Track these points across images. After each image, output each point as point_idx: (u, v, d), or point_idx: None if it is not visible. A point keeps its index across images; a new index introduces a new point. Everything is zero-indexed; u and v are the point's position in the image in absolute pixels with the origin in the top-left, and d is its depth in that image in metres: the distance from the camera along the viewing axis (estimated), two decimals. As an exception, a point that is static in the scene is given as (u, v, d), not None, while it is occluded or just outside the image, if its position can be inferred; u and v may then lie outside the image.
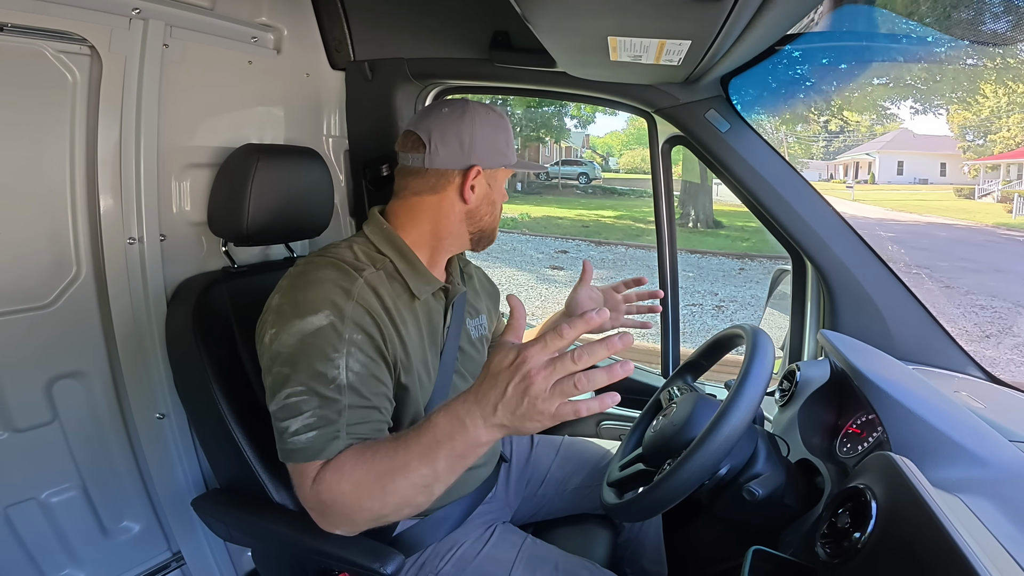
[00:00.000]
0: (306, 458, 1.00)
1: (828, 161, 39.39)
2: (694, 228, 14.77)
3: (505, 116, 1.26)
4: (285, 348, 1.03)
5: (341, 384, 1.02)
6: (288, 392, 1.01)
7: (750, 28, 1.07)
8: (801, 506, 1.09)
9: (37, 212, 1.30)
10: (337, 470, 0.98)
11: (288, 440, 1.01)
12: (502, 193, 1.30)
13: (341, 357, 1.02)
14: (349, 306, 1.05)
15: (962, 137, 33.77)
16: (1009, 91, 29.75)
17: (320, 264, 1.12)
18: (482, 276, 1.52)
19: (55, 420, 1.40)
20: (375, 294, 1.11)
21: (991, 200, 22.03)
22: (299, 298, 1.06)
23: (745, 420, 0.95)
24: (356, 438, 1.02)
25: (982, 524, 0.80)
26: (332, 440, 1.00)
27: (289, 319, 1.04)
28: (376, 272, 1.15)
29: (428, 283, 1.21)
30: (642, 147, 49.94)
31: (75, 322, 1.38)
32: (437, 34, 1.72)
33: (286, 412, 1.02)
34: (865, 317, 1.51)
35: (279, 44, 1.68)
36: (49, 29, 1.20)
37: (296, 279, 1.10)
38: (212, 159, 1.50)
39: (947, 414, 1.07)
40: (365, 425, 1.04)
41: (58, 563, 1.46)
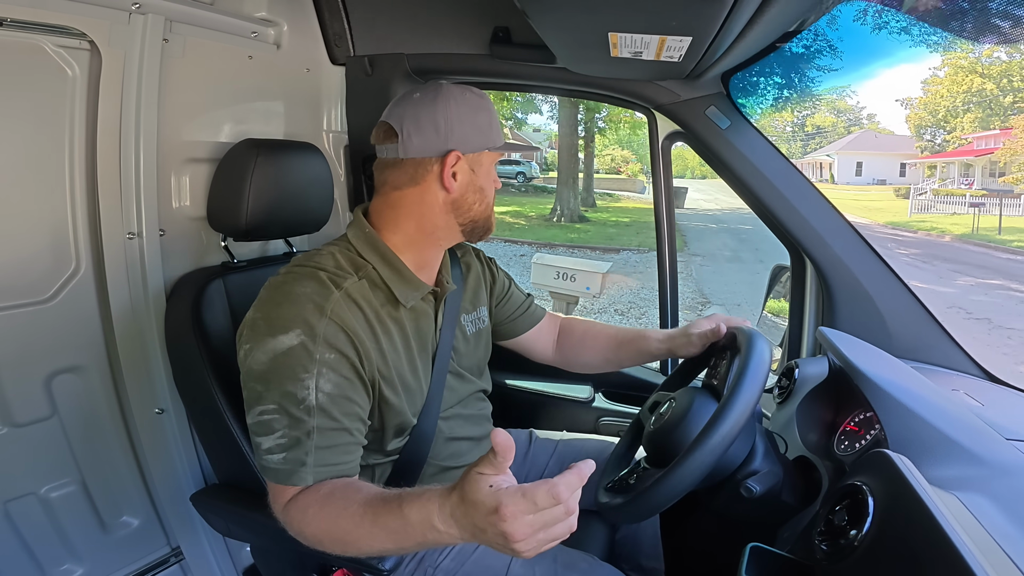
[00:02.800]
0: (276, 480, 1.02)
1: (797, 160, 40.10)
2: (558, 222, 15.91)
3: (486, 97, 1.18)
4: (257, 366, 1.02)
5: (310, 405, 1.00)
6: (260, 409, 1.01)
7: (751, 25, 1.07)
8: (798, 503, 1.10)
9: (36, 207, 1.30)
10: (301, 513, 0.99)
11: (263, 457, 1.02)
12: (491, 178, 1.21)
13: (311, 378, 1.00)
14: (322, 324, 1.02)
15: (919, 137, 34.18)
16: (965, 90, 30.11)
17: (299, 275, 1.08)
18: (482, 262, 1.48)
19: (54, 415, 1.40)
20: (356, 306, 1.08)
21: (925, 199, 22.40)
22: (273, 315, 1.03)
23: (739, 424, 0.95)
24: (323, 465, 1.01)
25: (978, 522, 0.80)
26: (300, 467, 1.00)
27: (262, 336, 1.02)
28: (358, 282, 1.11)
29: (415, 288, 1.17)
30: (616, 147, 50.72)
31: (74, 317, 1.39)
32: (437, 29, 1.72)
33: (260, 428, 1.02)
34: (863, 314, 1.52)
35: (279, 39, 1.68)
36: (48, 24, 1.20)
37: (273, 292, 1.07)
38: (212, 154, 1.50)
39: (945, 412, 1.07)
40: (333, 449, 1.03)
41: (57, 558, 1.46)
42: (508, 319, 1.50)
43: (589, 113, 18.00)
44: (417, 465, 1.23)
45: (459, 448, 1.32)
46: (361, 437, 1.09)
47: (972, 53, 29.05)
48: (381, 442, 1.18)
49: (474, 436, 1.36)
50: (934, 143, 31.91)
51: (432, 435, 1.24)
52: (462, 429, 1.32)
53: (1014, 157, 23.59)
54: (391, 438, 1.18)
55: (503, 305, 1.49)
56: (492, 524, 0.75)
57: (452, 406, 1.30)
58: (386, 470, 1.22)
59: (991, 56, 29.14)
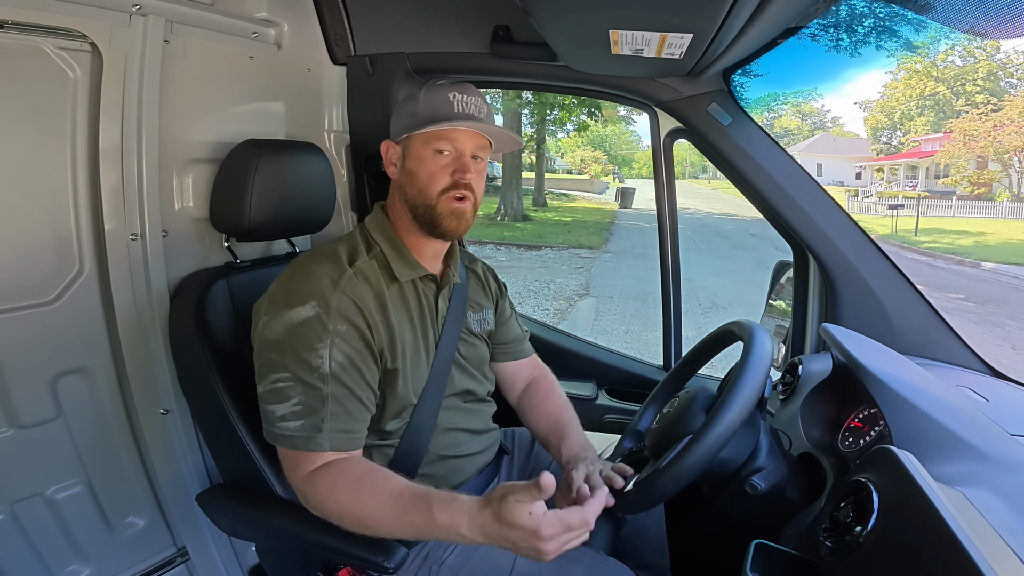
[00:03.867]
0: (293, 446, 1.07)
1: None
2: (501, 221, 16.49)
3: (425, 88, 1.24)
4: (274, 335, 1.09)
5: (324, 373, 1.07)
6: (275, 377, 1.08)
7: (752, 21, 1.07)
8: (803, 500, 1.10)
9: (40, 209, 1.30)
10: (328, 488, 1.05)
11: (276, 424, 1.08)
12: (421, 162, 1.21)
13: (325, 347, 1.07)
14: (335, 297, 1.10)
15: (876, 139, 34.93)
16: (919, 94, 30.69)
17: (317, 255, 1.19)
18: (492, 279, 1.52)
19: (59, 416, 1.40)
20: (366, 283, 1.16)
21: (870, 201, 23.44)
22: (290, 288, 1.13)
23: (739, 418, 0.95)
24: (338, 431, 1.08)
25: (983, 518, 0.80)
26: (316, 432, 1.06)
27: (280, 308, 1.10)
28: (369, 261, 1.20)
29: (412, 268, 1.24)
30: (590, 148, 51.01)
31: (78, 319, 1.39)
32: (438, 28, 1.72)
33: (273, 396, 1.08)
34: (868, 311, 1.51)
35: (280, 39, 1.68)
36: (49, 26, 1.20)
37: (294, 269, 1.17)
38: (214, 155, 1.50)
39: (949, 408, 1.07)
40: (347, 416, 1.09)
41: (64, 559, 1.47)
42: (497, 344, 1.51)
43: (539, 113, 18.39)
44: (418, 453, 1.26)
45: (457, 438, 1.33)
46: (372, 405, 1.16)
47: (927, 57, 30.50)
48: (380, 420, 1.21)
49: (474, 429, 1.37)
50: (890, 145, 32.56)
51: (432, 422, 1.27)
52: (462, 420, 1.34)
53: (953, 160, 24.81)
54: (390, 417, 1.22)
55: (499, 330, 1.51)
56: (528, 541, 0.88)
57: (453, 394, 1.32)
58: (387, 456, 1.24)
59: (945, 60, 30.35)
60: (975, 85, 28.49)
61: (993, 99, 26.62)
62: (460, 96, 1.22)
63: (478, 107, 1.23)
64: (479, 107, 1.23)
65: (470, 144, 1.21)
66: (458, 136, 1.20)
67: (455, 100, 1.21)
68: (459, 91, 1.22)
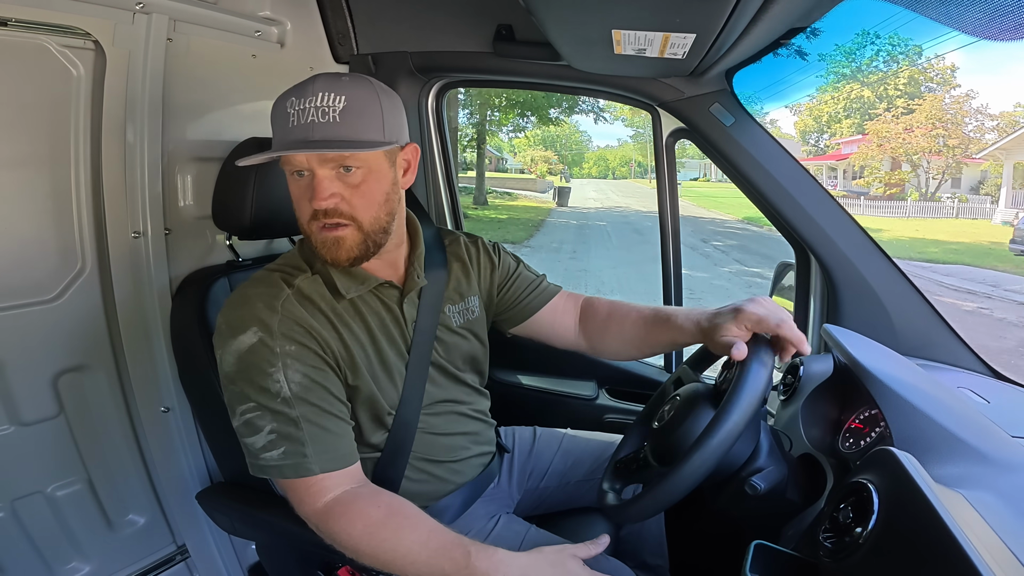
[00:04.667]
0: (283, 475, 1.03)
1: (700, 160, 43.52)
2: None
3: (281, 95, 1.05)
4: (228, 368, 1.04)
5: (287, 396, 1.02)
6: (242, 409, 1.03)
7: (755, 21, 1.06)
8: (803, 501, 1.09)
9: (42, 207, 1.30)
10: (349, 523, 1.00)
11: (260, 457, 1.02)
12: (289, 189, 1.09)
13: (279, 371, 1.02)
14: (275, 320, 1.04)
15: (805, 142, 35.95)
16: (845, 96, 31.56)
17: (255, 280, 1.12)
18: (478, 249, 1.42)
19: (60, 414, 1.41)
20: (308, 301, 1.09)
21: None
22: (230, 317, 1.07)
23: (739, 427, 0.95)
24: (323, 453, 1.03)
25: (983, 519, 0.79)
26: (302, 458, 1.01)
27: (226, 339, 1.05)
28: (311, 277, 1.13)
29: (359, 282, 1.15)
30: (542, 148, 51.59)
31: (80, 316, 1.39)
32: (441, 27, 1.72)
33: (247, 429, 1.03)
34: (869, 312, 1.51)
35: (283, 38, 1.68)
36: (53, 24, 1.21)
37: (232, 297, 1.11)
38: (216, 153, 1.50)
39: (950, 410, 1.07)
40: (327, 434, 1.05)
41: (64, 556, 1.47)
42: (517, 301, 1.42)
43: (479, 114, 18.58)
44: (402, 458, 1.23)
45: (454, 442, 1.31)
46: (348, 419, 1.11)
47: (853, 62, 31.53)
48: (361, 434, 1.18)
49: (468, 431, 1.35)
50: (817, 147, 33.28)
51: (414, 428, 1.23)
52: (455, 424, 1.32)
53: (867, 161, 26.28)
54: (371, 431, 1.19)
55: (509, 288, 1.42)
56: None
57: (441, 400, 1.28)
58: (371, 464, 1.21)
59: (870, 65, 31.36)
60: (896, 89, 29.56)
61: (908, 103, 27.97)
62: (297, 103, 1.01)
63: (323, 108, 1.00)
64: (326, 107, 1.00)
65: (317, 160, 1.02)
66: (297, 158, 1.02)
67: (291, 110, 1.01)
68: (297, 94, 1.02)
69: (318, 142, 0.99)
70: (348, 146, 1.01)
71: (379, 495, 1.05)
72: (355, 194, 1.05)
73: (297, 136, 1.00)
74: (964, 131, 26.31)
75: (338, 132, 1.00)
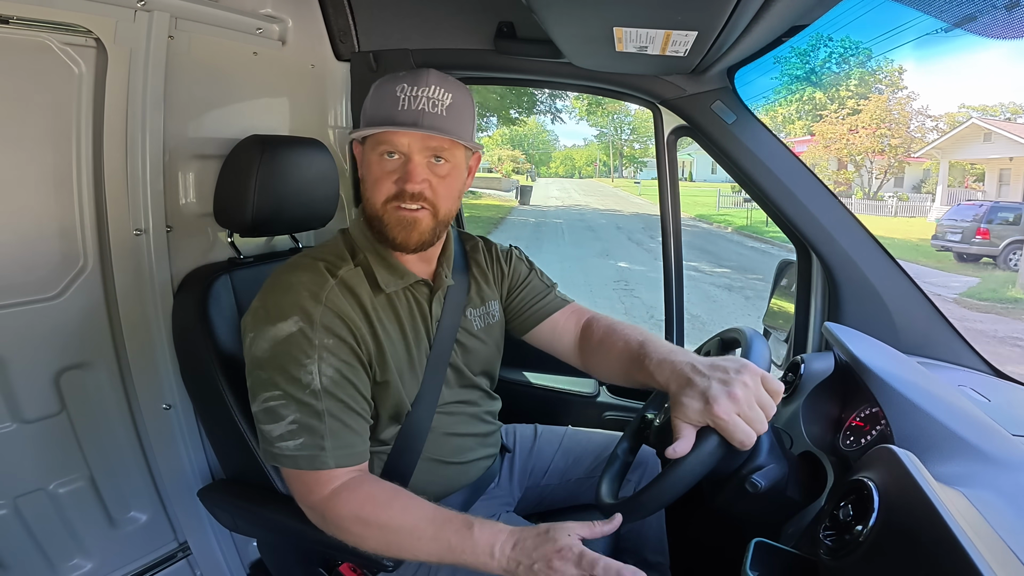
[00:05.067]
0: (296, 466, 1.03)
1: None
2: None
3: (389, 78, 1.11)
4: (260, 353, 1.05)
5: (316, 389, 1.03)
6: (266, 396, 1.03)
7: (757, 19, 1.06)
8: (803, 498, 1.09)
9: (44, 204, 1.30)
10: (355, 512, 1.01)
11: (275, 445, 1.03)
12: (368, 167, 1.13)
13: (313, 363, 1.03)
14: (318, 311, 1.05)
15: None
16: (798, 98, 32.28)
17: (297, 266, 1.12)
18: (493, 255, 1.43)
19: (62, 411, 1.41)
20: (351, 293, 1.11)
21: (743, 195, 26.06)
22: (271, 303, 1.07)
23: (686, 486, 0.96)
24: (341, 448, 1.04)
25: (983, 518, 0.79)
26: (319, 451, 1.02)
27: (263, 324, 1.05)
28: (354, 269, 1.14)
29: (399, 276, 1.17)
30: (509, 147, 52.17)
31: (82, 313, 1.39)
32: (442, 25, 1.72)
33: (267, 416, 1.04)
34: (870, 310, 1.51)
35: (284, 35, 1.68)
36: (54, 22, 1.21)
37: (274, 281, 1.11)
38: (218, 150, 1.50)
39: (951, 408, 1.07)
40: (347, 430, 1.06)
41: (66, 553, 1.47)
42: (522, 311, 1.42)
43: None
44: (412, 455, 1.23)
45: (463, 444, 1.32)
46: (368, 417, 1.12)
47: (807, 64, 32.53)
48: (375, 429, 1.18)
49: (479, 432, 1.36)
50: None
51: (427, 426, 1.24)
52: (465, 425, 1.32)
53: (815, 161, 27.25)
54: (386, 425, 1.20)
55: (518, 295, 1.42)
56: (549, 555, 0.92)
57: (453, 401, 1.29)
58: (380, 461, 1.22)
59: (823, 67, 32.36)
60: (847, 91, 30.34)
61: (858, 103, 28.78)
62: (410, 89, 1.07)
63: (434, 100, 1.08)
64: (436, 99, 1.08)
65: (418, 146, 1.08)
66: (400, 139, 1.07)
67: (402, 95, 1.07)
68: (410, 82, 1.08)
69: (430, 128, 1.06)
70: (457, 138, 1.09)
71: (380, 483, 1.07)
72: (440, 183, 1.12)
73: (406, 119, 1.06)
74: (907, 131, 27.18)
75: (443, 125, 1.08)
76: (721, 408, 0.92)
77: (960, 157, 22.08)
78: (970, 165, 23.18)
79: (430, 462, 1.26)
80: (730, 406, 0.92)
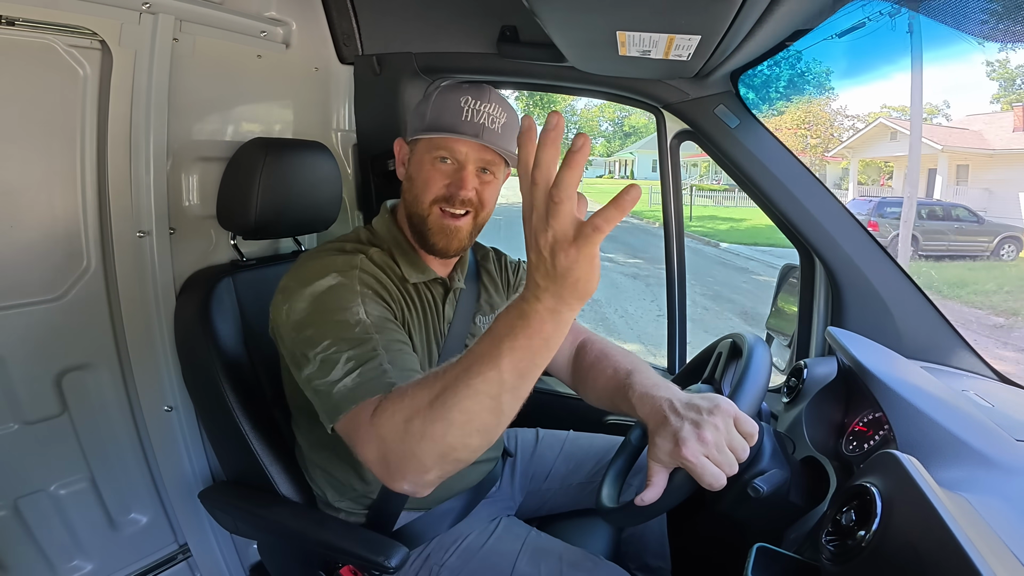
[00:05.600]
0: (357, 398, 0.90)
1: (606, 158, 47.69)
2: None
3: (451, 88, 1.17)
4: (301, 314, 1.01)
5: (367, 324, 0.99)
6: (317, 351, 0.96)
7: (761, 23, 1.06)
8: (806, 503, 1.09)
9: (48, 205, 1.31)
10: (397, 397, 0.85)
11: (335, 392, 0.92)
12: (420, 167, 1.17)
13: (358, 304, 1.02)
14: (354, 272, 1.08)
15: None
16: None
17: (324, 249, 1.16)
18: (503, 266, 1.46)
19: (64, 412, 1.41)
20: (379, 269, 1.14)
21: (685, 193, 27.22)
22: (303, 271, 1.07)
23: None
24: (403, 370, 0.94)
25: (987, 523, 0.79)
26: (382, 374, 0.92)
27: (297, 290, 1.04)
28: (381, 252, 1.19)
29: (421, 271, 1.22)
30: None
31: (85, 315, 1.39)
32: (445, 28, 1.72)
33: (323, 370, 0.95)
34: (873, 314, 1.51)
35: (288, 38, 1.69)
36: (60, 24, 1.21)
37: (303, 261, 1.12)
38: (221, 153, 1.50)
39: (954, 413, 1.06)
40: (406, 358, 0.98)
41: (66, 554, 1.47)
42: None
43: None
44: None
45: None
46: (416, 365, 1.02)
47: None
48: None
49: None
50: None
51: None
52: None
53: None
54: None
55: None
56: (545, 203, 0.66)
57: None
58: None
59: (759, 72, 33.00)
60: (777, 92, 31.18)
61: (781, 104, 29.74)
62: (473, 103, 1.14)
63: (492, 116, 1.15)
64: (494, 116, 1.15)
65: (474, 156, 1.15)
66: (459, 147, 1.14)
67: (466, 107, 1.14)
68: (474, 95, 1.15)
69: (490, 142, 1.15)
70: (512, 156, 1.17)
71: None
72: (484, 191, 1.19)
73: (469, 131, 1.14)
74: (825, 131, 28.58)
75: (499, 141, 1.16)
76: (689, 451, 0.91)
77: (870, 156, 23.33)
78: (884, 163, 24.15)
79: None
80: (698, 448, 0.92)
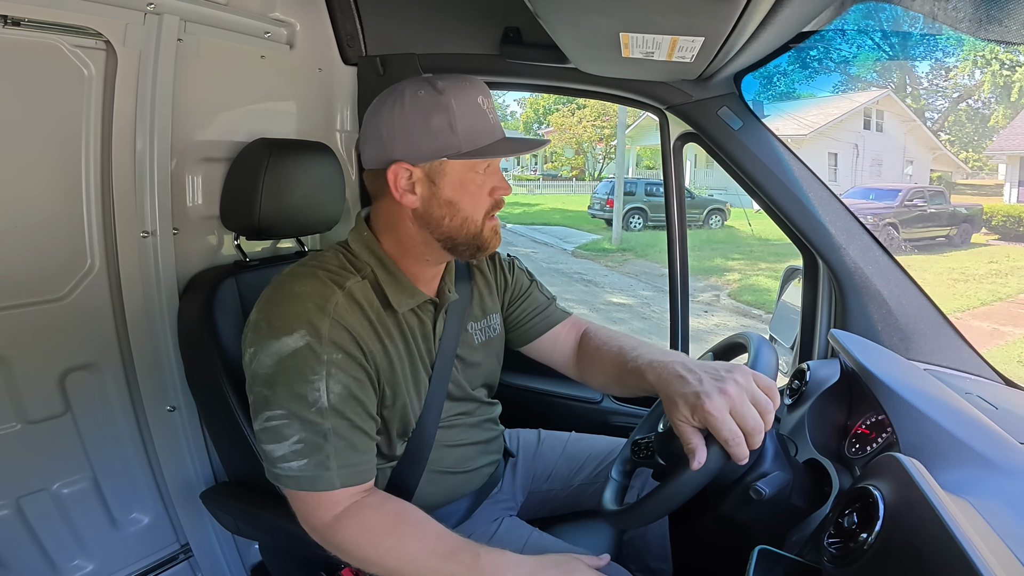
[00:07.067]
0: (298, 487, 0.99)
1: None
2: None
3: (451, 91, 1.04)
4: (263, 370, 0.99)
5: (323, 407, 0.97)
6: (268, 415, 0.98)
7: (764, 25, 1.06)
8: (808, 506, 1.09)
9: (52, 205, 1.31)
10: (355, 540, 0.99)
11: (277, 465, 0.98)
12: (463, 188, 1.07)
13: (321, 379, 0.98)
14: (326, 324, 0.99)
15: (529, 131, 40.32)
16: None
17: (300, 275, 1.06)
18: (496, 266, 1.41)
19: (67, 412, 1.41)
20: (357, 306, 1.06)
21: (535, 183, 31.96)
22: (274, 315, 1.01)
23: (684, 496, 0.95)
24: (346, 466, 0.99)
25: (990, 526, 0.79)
26: (324, 471, 0.97)
27: (265, 339, 0.99)
28: (361, 281, 1.08)
29: (410, 296, 1.13)
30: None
31: (88, 315, 1.40)
32: (448, 30, 1.72)
33: (269, 436, 0.99)
34: (877, 317, 1.50)
35: (292, 39, 1.69)
36: (65, 24, 1.21)
37: (274, 291, 1.05)
38: (225, 153, 1.51)
39: (958, 416, 1.06)
40: (353, 449, 1.01)
41: (68, 553, 1.47)
42: (522, 323, 1.41)
43: None
44: (418, 468, 1.22)
45: (465, 453, 1.31)
46: (374, 435, 1.08)
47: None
48: (384, 445, 1.17)
49: (481, 440, 1.35)
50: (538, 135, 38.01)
51: (431, 440, 1.22)
52: (468, 435, 1.31)
53: (554, 148, 33.91)
54: (394, 441, 1.18)
55: (518, 307, 1.41)
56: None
57: (454, 414, 1.27)
58: (385, 476, 1.20)
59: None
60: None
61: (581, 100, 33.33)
62: (486, 101, 1.07)
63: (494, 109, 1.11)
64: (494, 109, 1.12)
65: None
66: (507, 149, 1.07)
67: (484, 106, 1.07)
68: (483, 94, 1.08)
69: (525, 140, 1.14)
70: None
71: (386, 503, 1.03)
72: None
73: (500, 133, 1.08)
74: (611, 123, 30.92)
75: (532, 143, 1.14)
76: (713, 404, 0.91)
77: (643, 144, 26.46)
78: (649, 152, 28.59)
79: (435, 473, 1.25)
80: (722, 402, 0.91)
